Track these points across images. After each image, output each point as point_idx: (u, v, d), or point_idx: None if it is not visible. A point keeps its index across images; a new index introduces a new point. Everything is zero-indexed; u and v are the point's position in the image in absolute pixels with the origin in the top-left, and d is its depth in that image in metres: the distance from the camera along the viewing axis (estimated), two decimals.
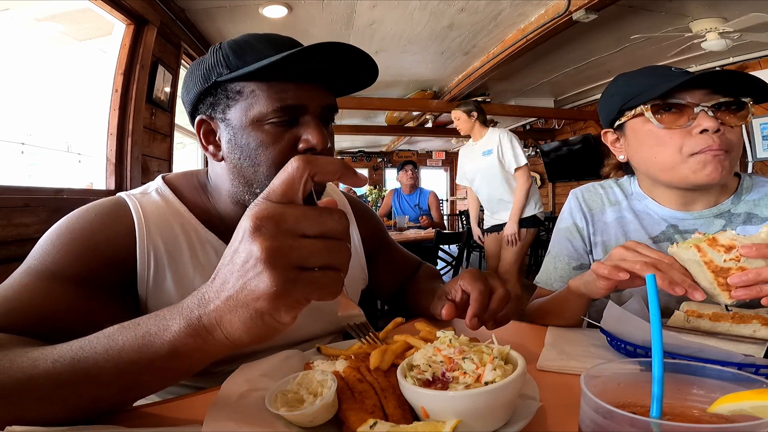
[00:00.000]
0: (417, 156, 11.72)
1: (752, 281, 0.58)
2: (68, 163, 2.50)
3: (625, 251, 0.69)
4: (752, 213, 0.86)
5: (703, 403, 0.35)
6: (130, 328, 0.42)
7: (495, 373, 0.45)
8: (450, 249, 5.55)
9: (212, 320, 0.38)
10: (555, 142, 7.23)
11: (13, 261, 1.63)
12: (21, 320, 0.54)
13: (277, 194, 0.37)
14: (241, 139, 0.67)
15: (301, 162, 0.37)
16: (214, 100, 0.68)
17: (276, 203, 0.37)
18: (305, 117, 0.68)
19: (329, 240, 0.37)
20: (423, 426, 0.43)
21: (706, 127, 0.78)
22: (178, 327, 0.39)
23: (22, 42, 2.32)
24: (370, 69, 0.70)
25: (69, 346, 0.43)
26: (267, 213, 0.36)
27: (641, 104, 0.84)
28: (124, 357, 0.40)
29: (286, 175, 0.37)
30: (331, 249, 0.37)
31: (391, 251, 1.05)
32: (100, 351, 0.41)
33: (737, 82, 0.78)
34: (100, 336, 0.43)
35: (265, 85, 0.65)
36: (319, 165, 0.38)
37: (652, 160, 0.87)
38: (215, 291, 0.38)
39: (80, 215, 0.66)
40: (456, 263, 3.47)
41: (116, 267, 0.65)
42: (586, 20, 2.89)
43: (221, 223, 0.75)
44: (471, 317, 0.66)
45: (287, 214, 0.36)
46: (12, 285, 0.58)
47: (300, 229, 0.36)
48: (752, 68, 4.17)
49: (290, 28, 3.37)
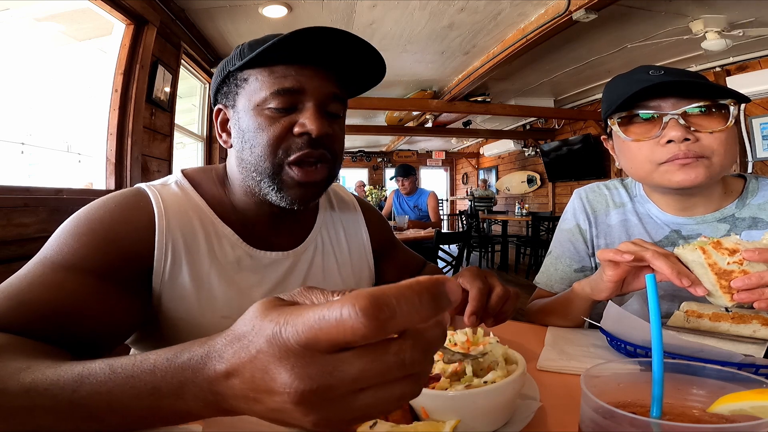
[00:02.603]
0: (417, 156, 11.72)
1: (755, 285, 0.58)
2: (68, 163, 2.50)
3: (632, 245, 0.69)
4: (757, 217, 0.84)
5: (703, 403, 0.35)
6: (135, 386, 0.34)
7: (495, 373, 0.45)
8: (450, 249, 5.56)
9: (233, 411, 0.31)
10: (555, 142, 7.23)
11: (13, 261, 1.64)
12: (32, 313, 0.53)
13: (323, 347, 0.26)
14: (243, 124, 0.69)
15: (366, 321, 0.24)
16: (228, 90, 0.72)
17: (322, 360, 0.26)
18: (305, 103, 0.68)
19: (389, 388, 0.28)
20: (423, 426, 0.43)
21: (671, 138, 0.76)
22: (195, 404, 0.32)
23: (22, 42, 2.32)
24: (376, 62, 0.71)
25: (60, 378, 0.37)
26: (311, 384, 0.26)
27: (609, 117, 0.85)
28: (132, 413, 0.34)
29: (336, 333, 0.25)
30: (389, 399, 0.28)
31: (397, 251, 1.06)
32: (103, 406, 0.35)
33: (701, 86, 0.76)
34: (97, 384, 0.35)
35: (267, 70, 0.68)
36: (398, 323, 0.25)
37: (630, 169, 0.87)
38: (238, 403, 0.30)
39: (99, 206, 0.65)
40: (456, 263, 3.47)
41: (134, 259, 0.64)
42: (586, 20, 2.89)
43: (236, 216, 0.75)
44: (469, 315, 0.66)
45: (341, 384, 0.26)
46: (26, 276, 0.57)
47: (356, 388, 0.27)
48: (752, 68, 4.17)
49: (290, 28, 3.28)
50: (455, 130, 8.04)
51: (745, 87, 4.07)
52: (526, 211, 7.72)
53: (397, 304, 0.25)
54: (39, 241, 0.62)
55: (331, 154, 0.71)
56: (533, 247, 6.11)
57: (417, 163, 11.87)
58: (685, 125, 0.76)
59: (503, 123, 7.97)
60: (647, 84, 0.76)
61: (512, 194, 9.10)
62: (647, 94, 0.79)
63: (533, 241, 6.11)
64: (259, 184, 0.70)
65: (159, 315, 0.68)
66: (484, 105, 5.57)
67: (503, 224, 6.93)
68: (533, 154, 8.14)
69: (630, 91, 0.77)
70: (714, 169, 0.77)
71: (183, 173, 0.77)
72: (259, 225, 0.77)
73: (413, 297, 0.25)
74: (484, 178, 10.03)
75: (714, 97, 0.76)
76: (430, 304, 0.25)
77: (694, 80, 0.76)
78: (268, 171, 0.68)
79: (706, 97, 0.76)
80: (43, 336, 0.52)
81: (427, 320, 0.26)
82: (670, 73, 0.79)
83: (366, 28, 3.49)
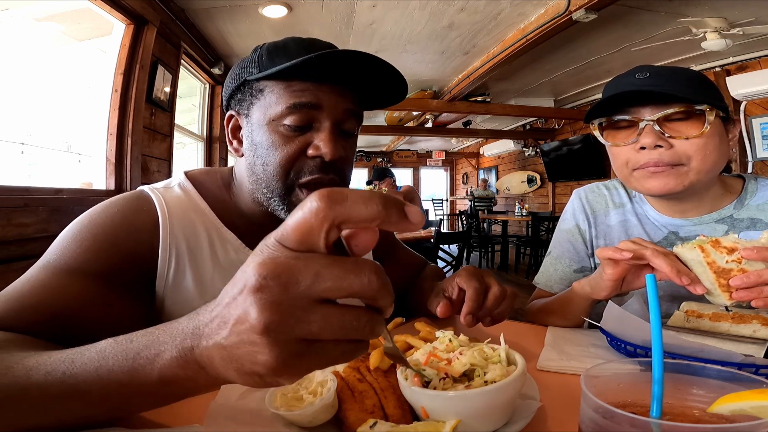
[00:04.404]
0: (417, 156, 11.72)
1: (753, 283, 0.58)
2: (68, 163, 2.50)
3: (631, 243, 0.69)
4: (756, 218, 0.83)
5: (703, 403, 0.35)
6: (122, 346, 0.37)
7: (495, 373, 0.45)
8: (450, 249, 5.55)
9: (204, 359, 0.32)
10: (555, 142, 7.24)
11: (13, 261, 1.63)
12: (34, 317, 0.53)
13: (291, 240, 0.28)
14: (257, 137, 0.69)
15: (322, 203, 0.27)
16: (242, 97, 0.71)
17: (290, 252, 0.28)
18: (321, 123, 0.67)
19: (351, 310, 0.29)
20: (423, 426, 0.43)
21: (643, 145, 0.77)
22: (170, 356, 0.33)
23: (22, 42, 2.32)
24: (397, 83, 0.70)
25: (62, 357, 0.39)
26: (275, 268, 0.27)
27: (591, 121, 0.86)
28: (114, 379, 0.36)
29: (302, 219, 0.28)
30: (351, 321, 0.29)
31: (398, 251, 1.06)
32: (91, 369, 0.37)
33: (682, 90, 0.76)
34: (92, 351, 0.38)
35: (285, 83, 0.67)
36: (348, 208, 0.27)
37: (615, 171, 0.89)
38: (210, 328, 0.31)
39: (102, 210, 0.65)
40: (456, 263, 3.47)
41: (137, 263, 0.64)
42: (586, 20, 2.89)
43: (242, 222, 0.75)
44: (465, 314, 0.66)
45: (301, 273, 0.27)
46: (28, 280, 0.57)
47: (315, 292, 0.28)
48: (752, 68, 4.17)
49: (290, 28, 3.37)
50: (455, 130, 8.04)
51: (745, 87, 4.07)
52: (526, 211, 7.72)
53: (350, 193, 0.28)
54: (39, 241, 0.62)
55: (340, 178, 0.70)
56: (533, 247, 6.11)
57: (417, 163, 11.88)
58: (660, 132, 0.77)
59: (503, 123, 7.97)
60: (621, 90, 0.78)
61: (512, 194, 9.10)
62: (627, 100, 0.79)
63: (533, 241, 6.11)
64: (269, 200, 0.70)
65: (162, 319, 0.67)
66: (484, 105, 5.57)
67: (503, 224, 6.93)
68: (533, 154, 8.14)
69: (604, 98, 0.79)
70: (690, 176, 0.77)
71: (186, 175, 0.77)
72: (264, 230, 0.77)
73: (365, 194, 0.29)
74: (484, 178, 10.03)
75: (690, 103, 0.76)
76: (378, 204, 0.28)
77: (661, 90, 0.76)
78: (279, 191, 0.68)
79: (682, 103, 0.76)
80: (45, 339, 0.52)
81: (375, 219, 0.28)
82: (659, 76, 0.79)
83: (366, 28, 3.49)
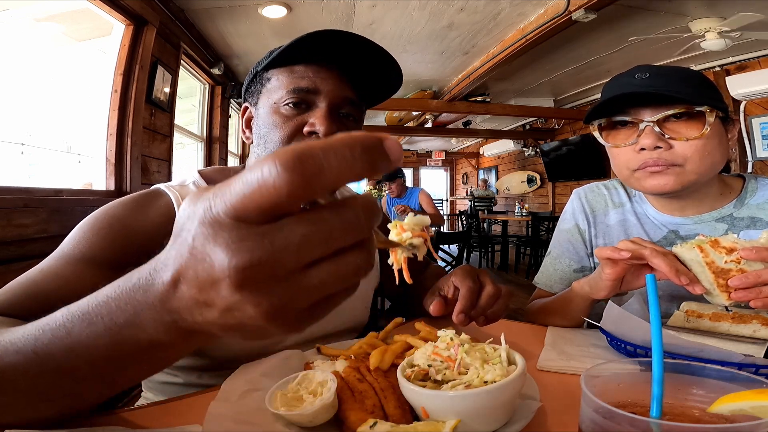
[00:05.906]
0: (417, 156, 11.72)
1: (752, 283, 0.58)
2: (68, 164, 2.50)
3: (630, 243, 0.69)
4: (756, 217, 0.83)
5: (703, 403, 0.35)
6: (91, 322, 0.32)
7: (495, 373, 0.45)
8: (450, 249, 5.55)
9: (191, 327, 0.28)
10: (555, 142, 7.23)
11: (13, 261, 1.63)
12: (41, 302, 0.53)
13: (253, 216, 0.23)
14: (261, 121, 0.73)
15: (291, 177, 0.21)
16: (254, 89, 0.76)
17: (257, 228, 0.23)
18: (318, 104, 0.71)
19: (344, 259, 0.25)
20: (423, 426, 0.43)
21: (642, 146, 0.78)
22: (154, 330, 0.30)
23: (22, 42, 2.32)
24: (392, 68, 0.73)
25: (24, 334, 0.35)
26: (251, 259, 0.23)
27: (590, 122, 0.86)
28: (95, 354, 0.32)
29: (266, 192, 0.22)
30: (347, 268, 0.25)
31: None
32: (65, 351, 0.33)
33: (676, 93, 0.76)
34: (57, 329, 0.34)
35: (288, 70, 0.71)
36: (326, 178, 0.22)
37: (615, 171, 0.90)
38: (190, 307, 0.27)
39: (118, 203, 0.68)
40: (456, 263, 3.47)
41: (152, 255, 0.64)
42: (586, 20, 2.89)
43: None
44: (458, 313, 0.67)
45: (283, 254, 0.23)
46: (42, 269, 0.58)
47: (303, 262, 0.24)
48: (752, 68, 4.17)
49: (290, 28, 3.37)
50: (455, 130, 8.03)
51: (744, 87, 4.07)
52: (526, 211, 7.72)
53: (324, 156, 0.22)
54: (39, 242, 0.63)
55: None
56: (533, 247, 6.10)
57: (417, 163, 11.87)
58: (660, 133, 0.77)
59: (503, 123, 7.97)
60: (620, 91, 0.78)
61: (512, 194, 9.10)
62: (627, 100, 0.80)
63: (533, 241, 6.11)
64: None
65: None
66: (483, 105, 5.57)
67: (503, 224, 6.93)
68: (533, 154, 8.13)
69: (604, 99, 0.80)
70: (687, 176, 0.78)
71: (200, 173, 0.79)
72: None
73: (344, 150, 0.22)
74: (484, 178, 10.03)
75: (690, 104, 0.76)
76: (363, 157, 0.22)
77: (661, 91, 0.76)
78: None
79: (682, 104, 0.76)
80: None
81: (361, 177, 0.23)
82: (658, 76, 0.79)
83: (366, 28, 3.49)
